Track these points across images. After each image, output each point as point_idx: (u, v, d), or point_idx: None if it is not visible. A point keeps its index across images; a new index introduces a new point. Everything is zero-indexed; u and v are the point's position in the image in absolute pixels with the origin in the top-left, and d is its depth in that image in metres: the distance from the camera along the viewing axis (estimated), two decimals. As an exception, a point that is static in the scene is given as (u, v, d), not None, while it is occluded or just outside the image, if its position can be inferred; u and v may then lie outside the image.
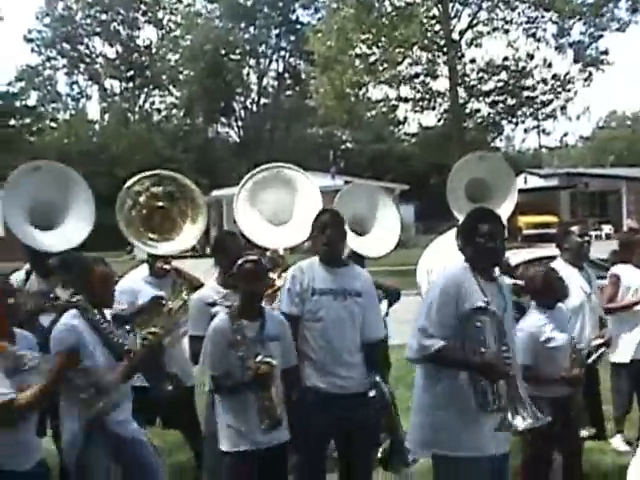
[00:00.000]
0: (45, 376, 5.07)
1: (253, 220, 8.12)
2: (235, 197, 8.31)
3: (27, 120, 38.52)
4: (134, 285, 7.62)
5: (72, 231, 7.56)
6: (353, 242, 8.10)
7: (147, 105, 69.82)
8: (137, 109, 69.15)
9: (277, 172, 8.39)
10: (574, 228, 7.72)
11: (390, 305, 7.95)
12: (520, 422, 5.04)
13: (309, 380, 6.05)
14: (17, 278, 7.45)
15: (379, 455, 6.42)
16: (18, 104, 37.50)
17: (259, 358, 5.57)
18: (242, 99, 68.53)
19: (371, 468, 6.41)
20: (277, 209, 7.95)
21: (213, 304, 6.47)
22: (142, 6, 67.25)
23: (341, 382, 6.08)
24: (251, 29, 66.24)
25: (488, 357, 5.12)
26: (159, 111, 70.07)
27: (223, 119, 69.05)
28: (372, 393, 6.24)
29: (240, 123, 68.86)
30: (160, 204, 7.92)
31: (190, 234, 7.94)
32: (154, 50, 68.29)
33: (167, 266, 7.74)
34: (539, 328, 6.50)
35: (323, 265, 6.26)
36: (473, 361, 5.16)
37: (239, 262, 5.87)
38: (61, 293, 6.98)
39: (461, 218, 6.08)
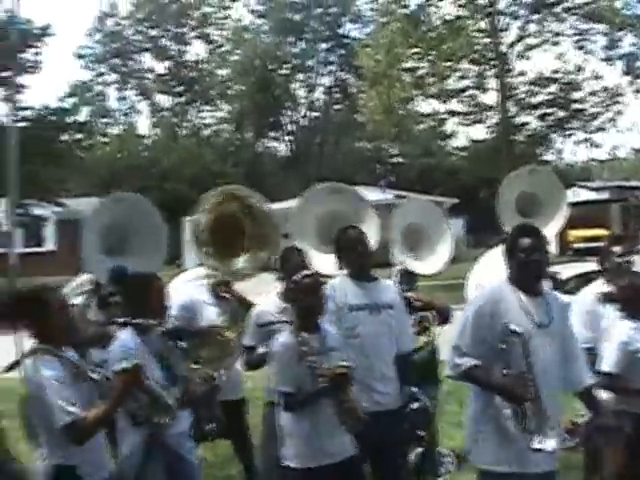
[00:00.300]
0: (106, 392, 5.08)
1: (308, 236, 8.15)
2: (290, 214, 8.35)
3: (78, 135, 38.68)
4: (195, 304, 7.53)
5: (143, 261, 7.45)
6: (406, 259, 8.13)
7: (197, 120, 70.12)
8: (187, 124, 69.47)
9: (331, 189, 8.43)
10: (616, 248, 7.50)
11: (441, 324, 7.91)
12: (545, 444, 5.04)
13: None
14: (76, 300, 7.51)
15: (411, 465, 6.46)
16: (69, 119, 37.63)
17: (332, 363, 5.60)
18: (291, 113, 68.58)
19: None
20: (335, 225, 7.99)
21: (267, 324, 6.54)
22: (191, 22, 67.61)
23: (378, 397, 6.16)
24: (300, 43, 66.36)
25: (508, 380, 5.13)
26: (209, 126, 70.33)
27: (272, 133, 69.16)
28: (415, 405, 6.28)
29: (289, 137, 68.93)
30: (233, 221, 7.91)
31: (255, 260, 7.83)
32: (203, 65, 68.60)
33: (228, 295, 7.59)
34: (631, 337, 6.40)
35: (354, 281, 6.38)
36: (496, 384, 5.21)
37: (297, 277, 5.95)
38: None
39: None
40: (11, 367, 5.06)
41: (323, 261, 7.73)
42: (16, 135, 29.67)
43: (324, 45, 66.40)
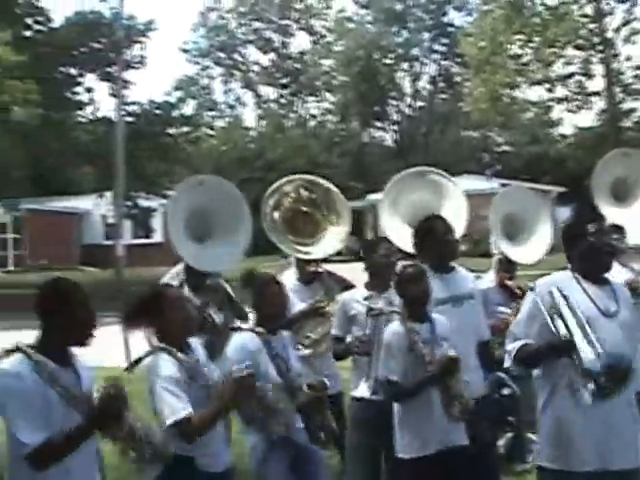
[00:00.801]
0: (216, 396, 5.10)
1: (397, 225, 8.13)
2: (380, 201, 8.37)
3: (184, 129, 39.21)
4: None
5: (230, 249, 7.61)
6: (505, 247, 8.10)
7: (302, 111, 70.45)
8: (292, 115, 69.83)
9: (422, 176, 8.40)
10: None
11: None
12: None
13: None
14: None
15: (501, 451, 6.43)
16: (175, 113, 38.17)
17: (441, 352, 5.63)
18: (396, 103, 68.41)
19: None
20: (422, 214, 7.95)
21: (378, 314, 6.51)
22: (294, 13, 67.92)
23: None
24: (403, 33, 66.13)
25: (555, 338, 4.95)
26: (314, 117, 70.59)
27: (378, 123, 69.06)
28: (505, 391, 6.25)
29: (395, 127, 68.79)
30: (303, 209, 8.01)
31: (335, 237, 7.99)
32: (307, 56, 68.85)
33: (320, 269, 7.75)
34: None
35: (435, 273, 6.29)
36: (545, 344, 5.05)
37: (400, 268, 6.01)
38: (214, 315, 7.25)
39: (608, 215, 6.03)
40: (133, 364, 5.17)
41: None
42: (123, 130, 30.37)
43: (428, 34, 66.02)
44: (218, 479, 5.19)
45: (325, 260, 7.94)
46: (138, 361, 5.12)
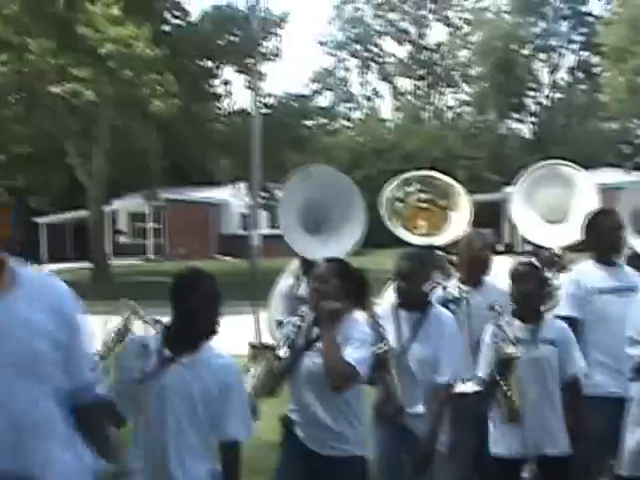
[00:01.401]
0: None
1: (529, 218, 8.10)
2: (512, 195, 8.34)
3: (321, 120, 39.49)
4: None
5: (344, 238, 7.58)
6: (634, 242, 7.95)
7: (439, 103, 70.14)
8: (429, 107, 69.61)
9: (553, 169, 8.33)
10: None
11: None
12: None
13: (601, 388, 6.06)
14: (286, 283, 7.74)
15: None
16: (312, 105, 38.50)
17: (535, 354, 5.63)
18: (534, 94, 67.51)
19: None
20: (553, 207, 7.84)
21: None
22: (430, 4, 67.61)
23: (619, 381, 5.99)
24: (541, 23, 65.15)
25: None
26: (451, 108, 70.23)
27: (515, 115, 68.27)
28: None
29: (532, 119, 67.90)
30: (422, 206, 8.00)
31: (458, 224, 7.88)
32: (444, 47, 68.48)
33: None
34: None
35: (600, 265, 6.32)
36: None
37: (513, 265, 5.95)
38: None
39: None
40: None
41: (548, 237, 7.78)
42: (259, 121, 30.74)
43: (566, 24, 64.92)
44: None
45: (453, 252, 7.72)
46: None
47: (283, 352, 5.20)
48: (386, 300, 6.58)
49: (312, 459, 5.22)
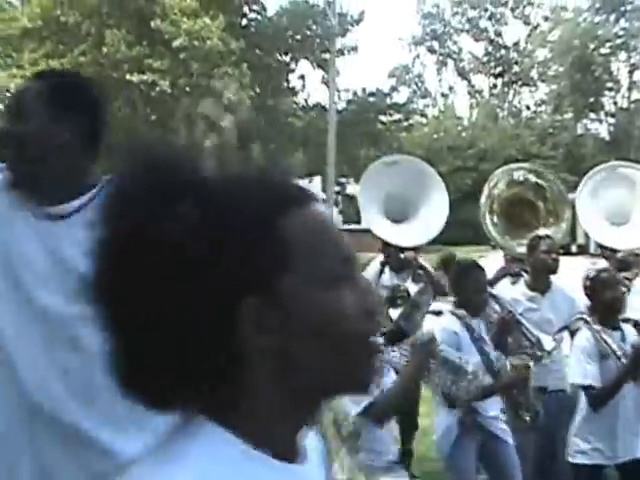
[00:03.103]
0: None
1: (594, 219, 8.12)
2: (576, 197, 8.34)
3: (397, 116, 39.40)
4: None
5: (426, 226, 7.78)
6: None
7: (516, 101, 69.53)
8: (506, 105, 69.00)
9: (617, 171, 8.34)
10: None
11: None
12: None
13: None
14: (371, 270, 7.91)
15: None
16: (388, 101, 38.42)
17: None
18: (612, 94, 66.55)
19: None
20: (617, 209, 7.89)
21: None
22: (509, 2, 66.98)
23: None
24: (621, 22, 64.19)
25: None
26: (528, 107, 69.57)
27: (592, 115, 67.36)
28: None
29: (610, 119, 66.96)
30: (528, 197, 7.96)
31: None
32: (522, 46, 67.84)
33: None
34: None
35: None
36: None
37: (594, 272, 5.99)
38: (411, 287, 7.32)
39: None
40: None
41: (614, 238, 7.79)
42: (335, 117, 30.88)
43: (647, 23, 63.87)
44: None
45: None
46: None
47: None
48: None
49: None
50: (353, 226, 46.89)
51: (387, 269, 7.82)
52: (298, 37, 33.56)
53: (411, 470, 8.11)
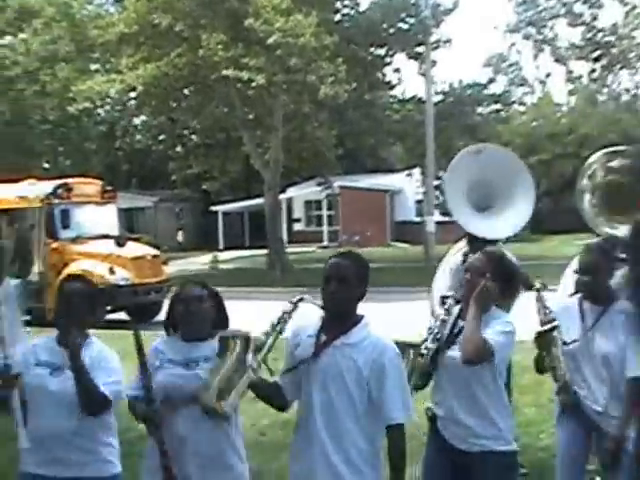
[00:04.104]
0: None
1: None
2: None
3: (495, 106, 39.13)
4: None
5: (513, 217, 7.64)
6: None
7: (615, 85, 68.38)
8: (605, 89, 67.97)
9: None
10: None
11: None
12: None
13: None
14: (453, 261, 7.89)
15: None
16: (486, 91, 38.15)
17: None
18: None
19: None
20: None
21: None
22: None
23: None
24: None
25: None
26: (627, 90, 68.39)
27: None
28: None
29: None
30: (622, 180, 7.77)
31: None
32: (619, 29, 66.68)
33: None
34: None
35: None
36: None
37: None
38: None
39: None
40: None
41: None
42: (432, 109, 30.81)
43: None
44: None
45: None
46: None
47: (425, 347, 5.24)
48: (564, 289, 6.63)
49: (455, 454, 5.27)
50: (452, 218, 46.91)
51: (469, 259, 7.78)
52: (392, 30, 33.51)
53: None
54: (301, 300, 4.75)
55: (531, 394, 8.85)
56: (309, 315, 4.67)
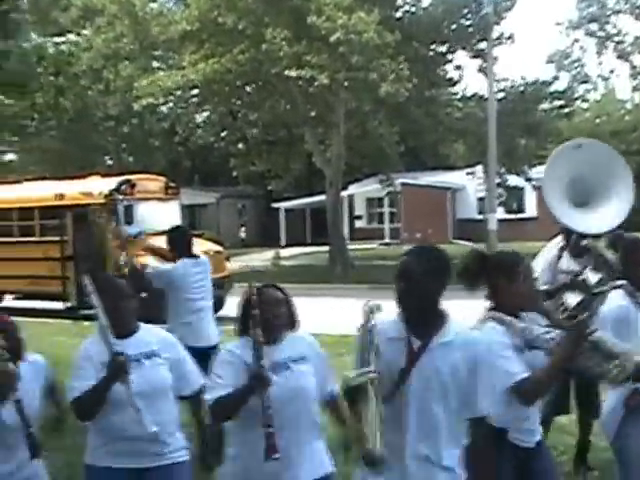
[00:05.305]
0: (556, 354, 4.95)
1: None
2: None
3: (557, 103, 38.75)
4: None
5: (611, 213, 7.49)
6: None
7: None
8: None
9: None
10: None
11: None
12: None
13: None
14: (549, 254, 7.92)
15: None
16: (548, 89, 37.78)
17: None
18: None
19: None
20: None
21: None
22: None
23: None
24: None
25: None
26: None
27: None
28: None
29: None
30: None
31: None
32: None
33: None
34: None
35: None
36: None
37: None
38: (591, 275, 7.14)
39: None
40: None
41: None
42: (494, 106, 30.64)
43: None
44: (531, 455, 5.23)
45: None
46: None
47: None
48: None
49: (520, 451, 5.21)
50: (516, 215, 46.60)
51: (565, 254, 7.82)
52: (453, 27, 33.41)
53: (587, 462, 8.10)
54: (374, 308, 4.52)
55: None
56: (379, 314, 4.53)
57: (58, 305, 23.97)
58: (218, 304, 21.83)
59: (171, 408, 5.54)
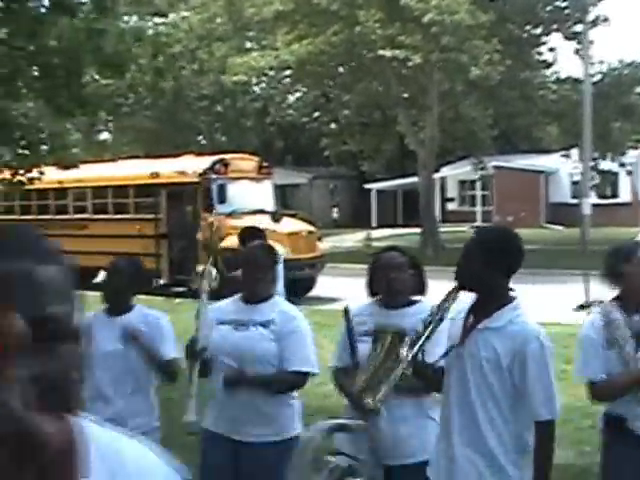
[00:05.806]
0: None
1: None
2: None
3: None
4: None
5: None
6: None
7: None
8: None
9: None
10: None
11: None
12: None
13: None
14: None
15: None
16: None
17: None
18: None
19: None
20: None
21: None
22: None
23: None
24: None
25: None
26: None
27: None
28: None
29: None
30: None
31: None
32: None
33: None
34: None
35: None
36: None
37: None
38: None
39: None
40: (581, 307, 5.15)
41: None
42: (589, 89, 30.26)
43: None
44: None
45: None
46: (586, 306, 5.11)
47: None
48: None
49: None
50: (610, 200, 45.95)
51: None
52: (549, 8, 33.07)
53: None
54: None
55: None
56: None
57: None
58: (310, 284, 22.15)
59: None
